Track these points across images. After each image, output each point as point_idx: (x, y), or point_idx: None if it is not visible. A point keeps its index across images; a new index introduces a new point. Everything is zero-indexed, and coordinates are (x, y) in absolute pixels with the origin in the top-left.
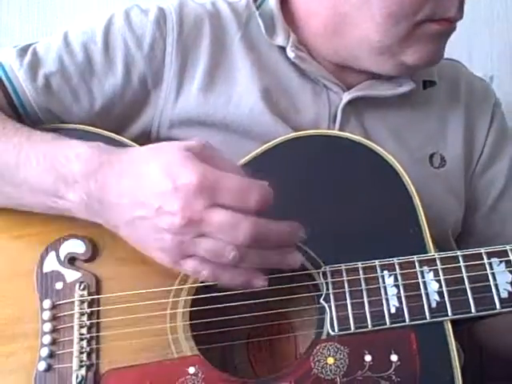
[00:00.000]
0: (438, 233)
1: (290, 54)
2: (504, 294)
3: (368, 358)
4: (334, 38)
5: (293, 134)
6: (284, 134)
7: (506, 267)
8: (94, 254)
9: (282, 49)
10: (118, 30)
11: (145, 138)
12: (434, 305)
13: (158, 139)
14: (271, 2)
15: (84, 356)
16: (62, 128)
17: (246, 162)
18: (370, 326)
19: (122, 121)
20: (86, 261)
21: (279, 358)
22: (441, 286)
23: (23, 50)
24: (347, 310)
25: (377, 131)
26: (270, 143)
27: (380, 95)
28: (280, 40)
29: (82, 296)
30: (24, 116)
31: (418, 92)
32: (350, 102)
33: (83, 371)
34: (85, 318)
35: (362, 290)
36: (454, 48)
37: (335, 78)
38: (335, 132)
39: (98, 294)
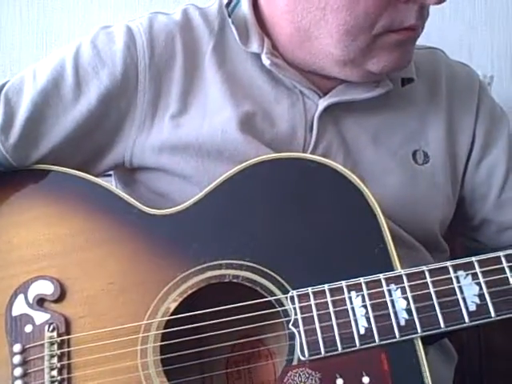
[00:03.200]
0: (424, 230)
1: (266, 61)
2: (472, 307)
3: (340, 381)
4: (300, 50)
5: (258, 159)
6: (256, 154)
7: (473, 279)
8: (62, 293)
9: (257, 56)
10: (87, 63)
11: (119, 167)
12: (402, 323)
13: (132, 168)
14: (244, 7)
15: None
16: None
17: (213, 188)
18: (340, 349)
19: (96, 152)
20: (55, 301)
21: None
22: (409, 304)
23: None
24: (316, 334)
25: (355, 136)
26: (237, 168)
27: (356, 99)
28: (254, 47)
29: (51, 338)
30: None
31: (397, 90)
32: (326, 109)
33: None
34: (55, 359)
35: (329, 313)
36: (454, 48)
37: (311, 83)
38: (298, 154)
39: (68, 334)
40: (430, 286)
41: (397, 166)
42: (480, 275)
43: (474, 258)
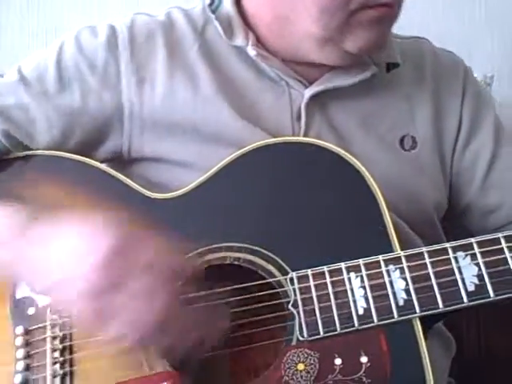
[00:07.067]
0: (418, 216)
1: (251, 52)
2: (471, 288)
3: (338, 361)
4: (281, 38)
5: (258, 143)
6: (252, 139)
7: (472, 260)
8: None
9: (241, 50)
10: (69, 58)
11: (115, 159)
12: (401, 303)
13: (129, 159)
14: (226, 4)
15: (57, 380)
16: (35, 155)
17: (213, 173)
18: (338, 329)
19: (88, 145)
20: None
21: (260, 366)
22: (407, 284)
23: None
24: (315, 315)
25: (343, 123)
26: (237, 153)
27: (341, 85)
28: (239, 40)
29: (53, 320)
30: None
31: (382, 76)
32: (312, 98)
33: None
34: (57, 341)
35: (328, 294)
36: (454, 48)
37: (296, 74)
38: (300, 138)
39: (70, 317)
40: (429, 266)
41: (383, 153)
42: (479, 256)
43: (472, 239)
